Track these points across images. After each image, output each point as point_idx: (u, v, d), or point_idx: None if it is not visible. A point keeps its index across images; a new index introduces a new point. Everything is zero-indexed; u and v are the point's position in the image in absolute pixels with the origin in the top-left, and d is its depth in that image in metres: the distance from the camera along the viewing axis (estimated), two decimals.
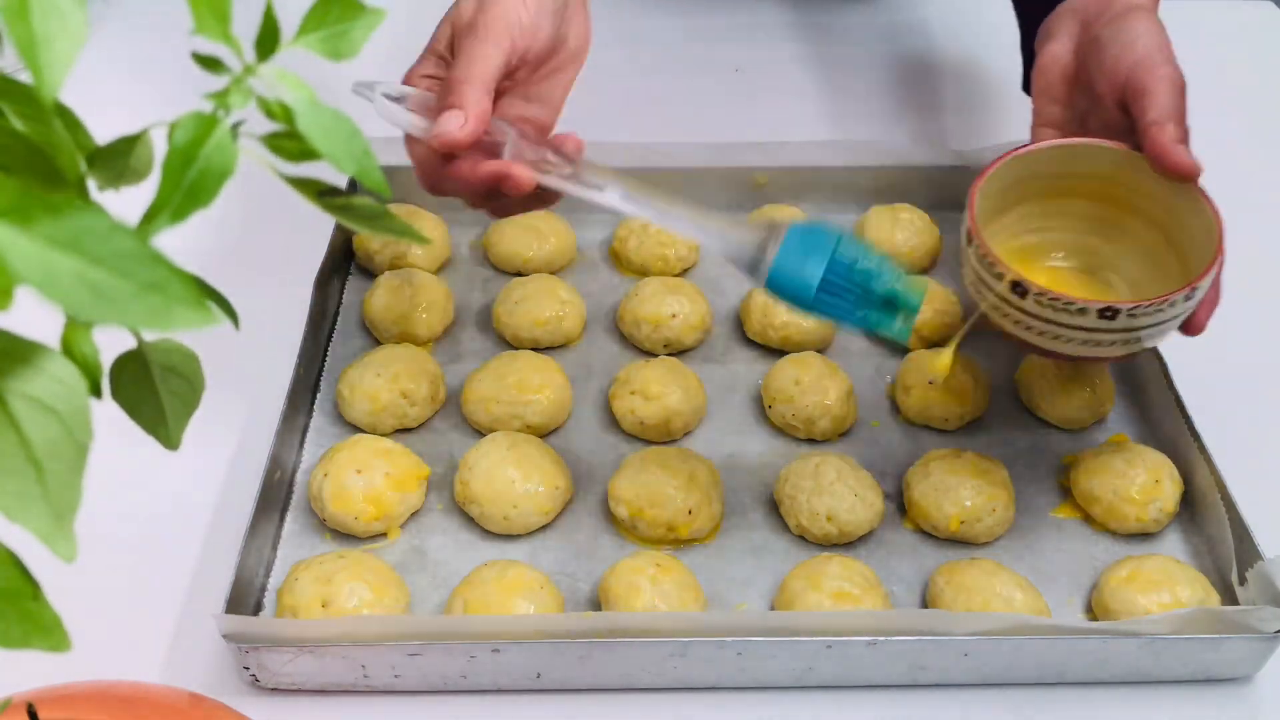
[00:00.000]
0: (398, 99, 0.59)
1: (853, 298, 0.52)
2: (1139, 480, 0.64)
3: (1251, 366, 0.76)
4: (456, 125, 0.55)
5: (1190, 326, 0.59)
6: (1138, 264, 0.65)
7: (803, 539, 0.64)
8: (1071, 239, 0.67)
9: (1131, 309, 0.55)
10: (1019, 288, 0.57)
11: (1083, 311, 0.56)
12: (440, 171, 0.58)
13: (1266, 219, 0.89)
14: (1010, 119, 0.98)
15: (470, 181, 0.57)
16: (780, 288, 0.53)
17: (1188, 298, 0.56)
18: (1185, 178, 0.59)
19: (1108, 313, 0.55)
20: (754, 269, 0.54)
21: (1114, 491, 0.64)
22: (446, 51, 0.61)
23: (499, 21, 0.58)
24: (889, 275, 0.53)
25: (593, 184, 0.57)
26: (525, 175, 0.56)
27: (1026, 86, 0.72)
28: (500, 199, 0.58)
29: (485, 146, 0.57)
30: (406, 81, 0.61)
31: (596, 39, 0.78)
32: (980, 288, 0.59)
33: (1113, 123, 0.63)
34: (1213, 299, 0.60)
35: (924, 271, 0.82)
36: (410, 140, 0.59)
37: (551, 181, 0.57)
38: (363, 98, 0.58)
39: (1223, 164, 0.95)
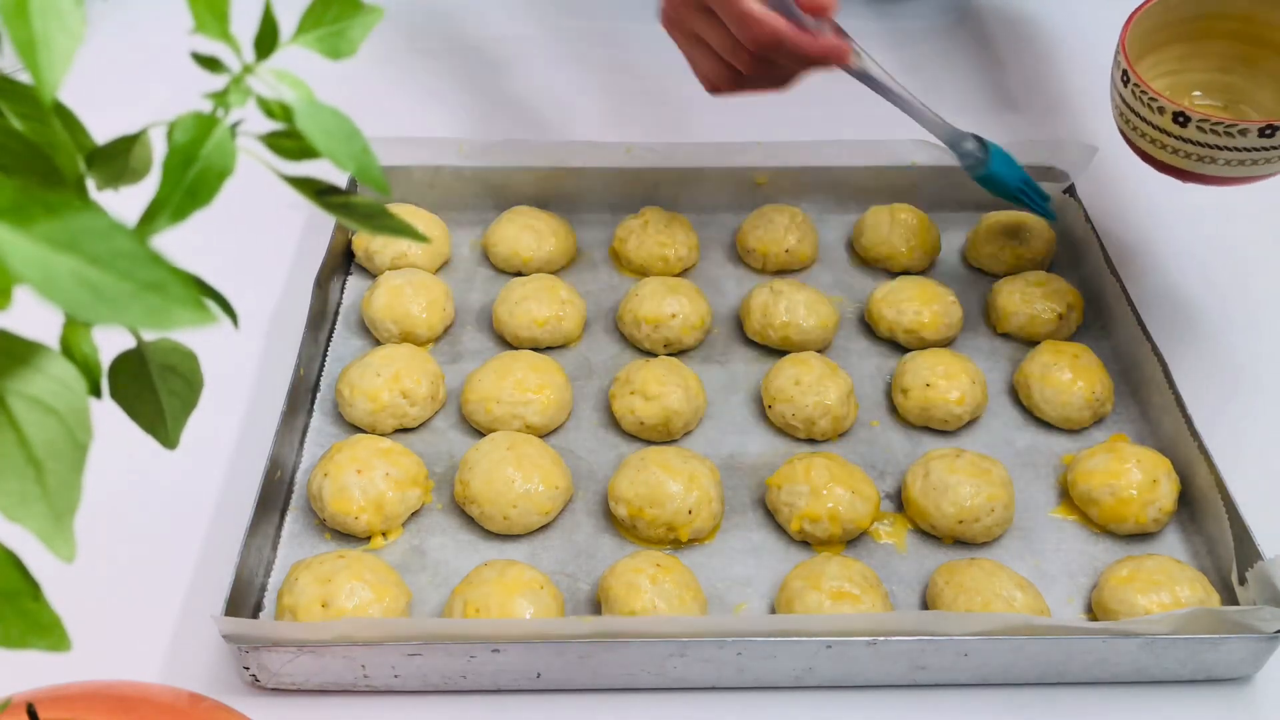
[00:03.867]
0: None
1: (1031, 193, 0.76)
2: (1136, 480, 0.64)
3: (1251, 366, 0.76)
4: None
5: None
6: (1274, 96, 0.70)
7: (803, 540, 0.64)
8: (1208, 78, 0.72)
9: (1201, 120, 0.61)
10: (1181, 118, 0.63)
11: (1244, 133, 0.62)
12: (773, 37, 0.62)
13: (1266, 218, 0.89)
14: (1010, 119, 0.98)
15: (806, 51, 0.63)
16: (997, 179, 0.76)
17: (1264, 133, 0.61)
18: None
19: (1267, 130, 0.62)
20: (970, 164, 0.76)
21: (1111, 492, 0.64)
22: None
23: None
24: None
25: (868, 63, 0.70)
26: (846, 49, 0.65)
27: None
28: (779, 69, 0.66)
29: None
30: None
31: (597, 39, 0.78)
32: (1138, 123, 0.66)
33: None
34: None
35: (922, 273, 0.83)
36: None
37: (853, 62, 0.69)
38: None
39: None
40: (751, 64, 0.65)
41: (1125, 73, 0.66)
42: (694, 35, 0.69)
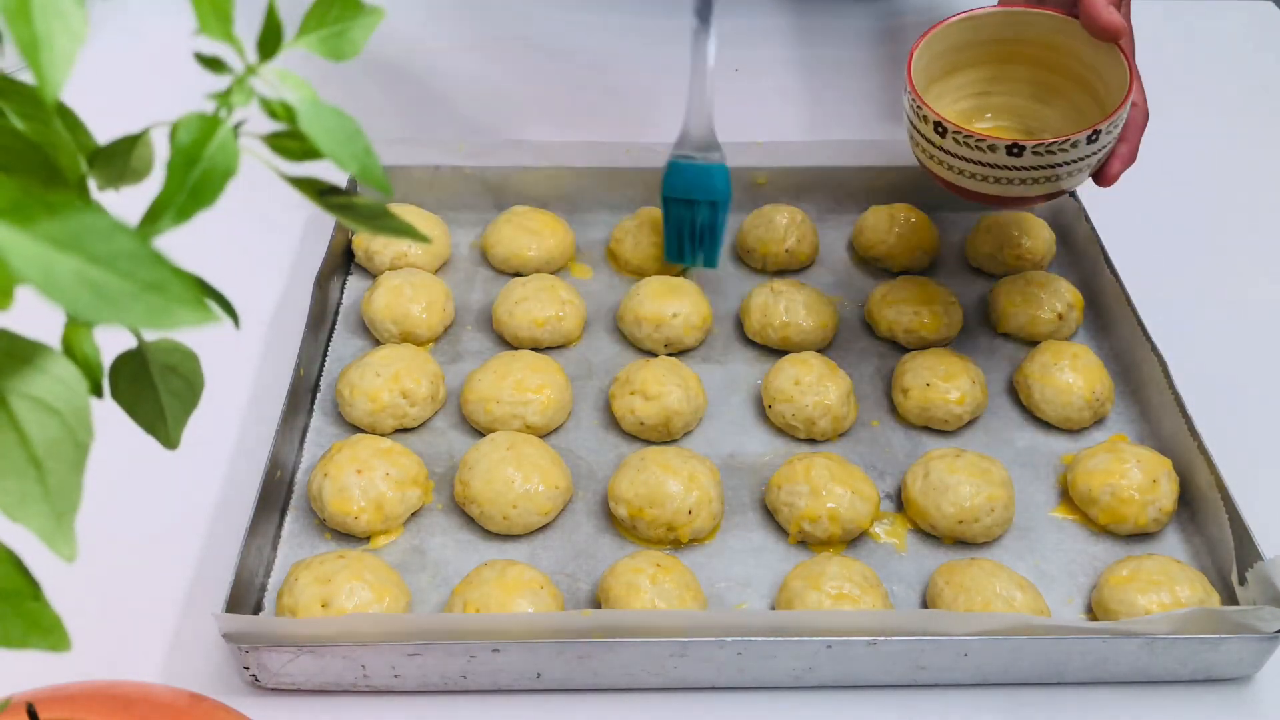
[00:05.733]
0: None
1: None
2: (1136, 480, 0.64)
3: (1251, 366, 0.76)
4: None
5: (1102, 177, 0.66)
6: (1072, 127, 0.69)
7: (803, 540, 0.64)
8: (1014, 102, 0.72)
9: (1035, 146, 0.61)
10: (940, 127, 0.63)
11: (992, 148, 0.62)
12: None
13: (1266, 219, 0.89)
14: None
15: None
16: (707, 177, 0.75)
17: (1090, 140, 0.61)
18: (1110, 36, 0.63)
19: (1014, 149, 0.61)
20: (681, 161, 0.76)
21: (1111, 492, 0.64)
22: None
23: None
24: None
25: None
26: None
27: None
28: None
29: None
30: None
31: (596, 39, 0.78)
32: (913, 133, 0.67)
33: (1066, 1, 0.68)
34: (1126, 155, 0.66)
35: (924, 271, 0.83)
36: None
37: None
38: None
39: (1223, 164, 0.95)
40: None
41: (906, 82, 0.66)
42: None
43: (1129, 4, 0.68)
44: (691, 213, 0.75)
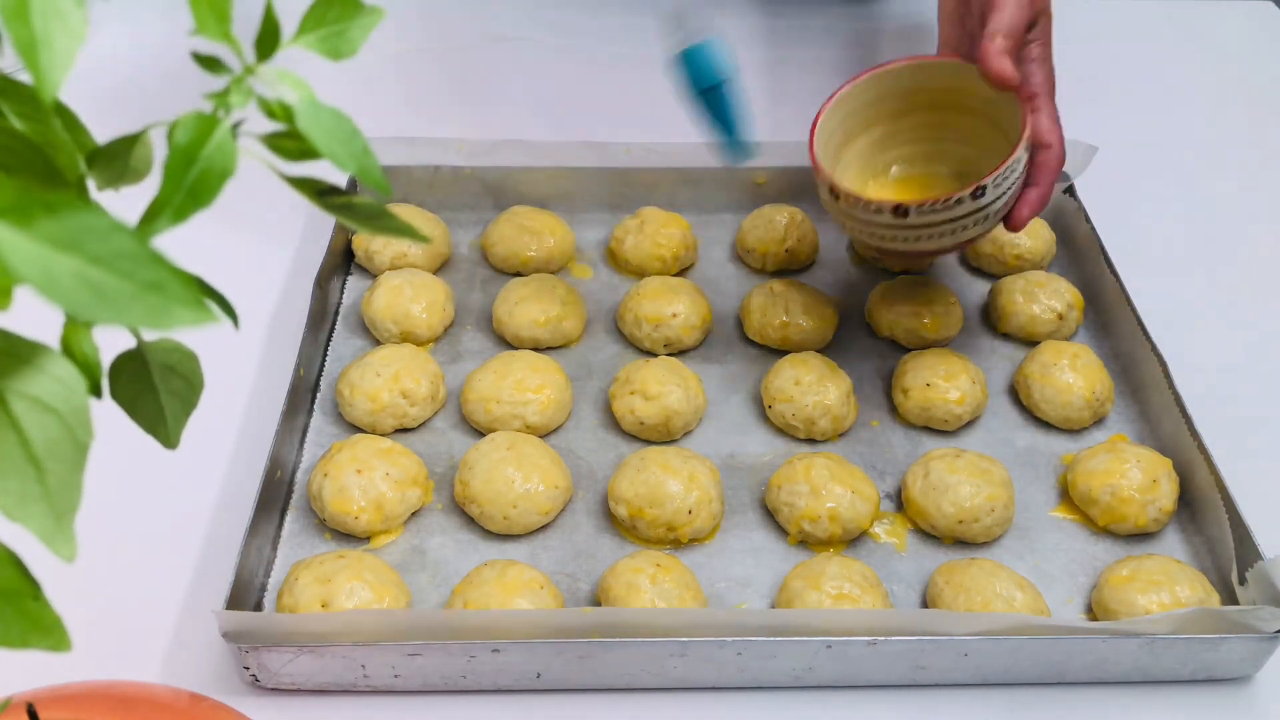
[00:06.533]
0: None
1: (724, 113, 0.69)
2: (1136, 480, 0.64)
3: (1251, 367, 0.76)
4: None
5: (1011, 222, 0.66)
6: (974, 152, 0.70)
7: (803, 540, 0.64)
8: (942, 148, 0.72)
9: (919, 207, 0.61)
10: (833, 191, 0.65)
11: (879, 210, 0.63)
12: None
13: (1266, 219, 0.89)
14: None
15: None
16: (689, 64, 0.68)
17: (976, 195, 0.61)
18: (1001, 85, 0.63)
19: (899, 210, 0.62)
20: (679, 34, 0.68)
21: (1111, 492, 0.64)
22: None
23: None
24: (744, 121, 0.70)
25: None
26: None
27: None
28: None
29: None
30: None
31: (597, 39, 0.78)
32: (820, 195, 0.67)
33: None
34: (1035, 201, 0.66)
35: (923, 272, 0.82)
36: None
37: None
38: None
39: (1223, 164, 0.95)
40: None
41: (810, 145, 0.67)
42: None
43: (1048, 46, 0.68)
44: (720, 96, 0.70)
